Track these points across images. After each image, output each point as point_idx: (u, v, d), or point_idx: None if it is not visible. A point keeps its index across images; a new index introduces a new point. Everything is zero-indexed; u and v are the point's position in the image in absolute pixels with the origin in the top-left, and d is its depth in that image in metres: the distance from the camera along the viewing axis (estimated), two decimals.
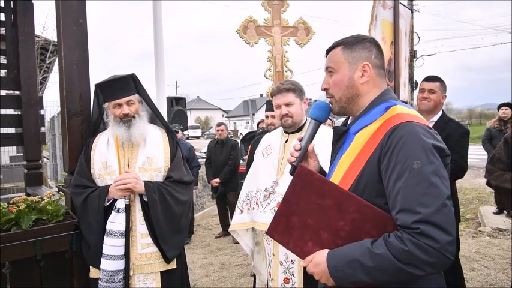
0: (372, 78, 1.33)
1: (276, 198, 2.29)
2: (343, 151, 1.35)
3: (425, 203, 1.06)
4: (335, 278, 1.17)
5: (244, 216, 2.48)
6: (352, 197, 1.20)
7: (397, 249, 1.07)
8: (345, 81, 1.34)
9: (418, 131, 1.15)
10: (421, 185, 1.08)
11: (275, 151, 2.49)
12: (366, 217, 1.18)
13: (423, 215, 1.05)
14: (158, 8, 6.55)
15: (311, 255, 1.26)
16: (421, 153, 1.11)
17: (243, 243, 2.64)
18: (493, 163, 2.70)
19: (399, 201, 1.10)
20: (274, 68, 5.08)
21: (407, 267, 1.07)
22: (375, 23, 4.25)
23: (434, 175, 1.09)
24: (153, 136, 2.32)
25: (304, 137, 1.45)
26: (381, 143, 1.18)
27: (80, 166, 2.29)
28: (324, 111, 1.45)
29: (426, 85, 3.06)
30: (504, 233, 5.51)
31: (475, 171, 11.23)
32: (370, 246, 1.12)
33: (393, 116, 1.22)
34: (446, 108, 50.23)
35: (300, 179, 1.30)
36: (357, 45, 1.34)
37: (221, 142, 6.30)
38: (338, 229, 1.22)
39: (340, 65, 1.35)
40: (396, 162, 1.12)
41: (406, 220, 1.08)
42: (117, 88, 2.21)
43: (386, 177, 1.15)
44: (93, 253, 2.13)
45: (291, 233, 1.31)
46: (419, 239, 1.05)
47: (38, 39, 8.04)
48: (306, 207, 1.27)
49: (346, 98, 1.35)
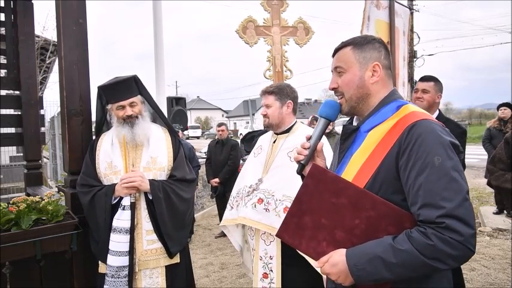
0: (382, 78, 1.35)
1: (258, 194, 2.36)
2: (354, 150, 1.35)
3: (448, 198, 1.08)
4: (356, 276, 1.17)
5: (233, 212, 2.56)
6: (367, 194, 1.19)
7: (422, 244, 1.08)
8: (355, 81, 1.35)
9: (435, 128, 1.17)
10: (442, 180, 1.10)
11: (264, 151, 2.58)
12: (382, 214, 1.17)
13: (447, 210, 1.07)
14: (158, 8, 6.55)
15: (326, 255, 1.25)
16: (440, 149, 1.13)
17: (233, 239, 2.73)
18: (494, 163, 2.70)
19: (421, 197, 1.12)
20: (274, 68, 5.08)
21: (431, 261, 1.08)
22: (368, 23, 4.26)
23: (454, 170, 1.11)
24: (156, 136, 2.36)
25: (313, 136, 1.43)
26: (399, 140, 1.19)
27: (86, 166, 2.33)
28: (334, 110, 1.43)
29: (420, 85, 3.07)
30: (504, 233, 5.51)
31: (475, 171, 11.24)
32: (392, 243, 1.12)
33: (408, 114, 1.24)
34: (446, 108, 50.26)
35: (313, 177, 1.28)
36: (367, 45, 1.35)
37: (221, 142, 6.31)
38: (353, 227, 1.21)
39: (350, 65, 1.36)
40: (416, 159, 1.14)
41: (429, 215, 1.09)
42: (120, 90, 2.24)
43: (406, 173, 1.16)
44: (101, 249, 2.19)
45: (303, 233, 1.29)
46: (444, 233, 1.06)
47: (38, 39, 8.05)
48: (319, 206, 1.25)
49: (356, 97, 1.36)
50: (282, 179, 2.30)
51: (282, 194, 2.26)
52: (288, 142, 2.43)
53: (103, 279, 2.17)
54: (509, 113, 6.23)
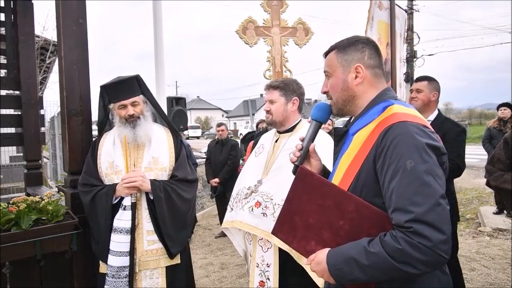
0: (367, 79, 1.35)
1: (256, 197, 2.25)
2: (343, 152, 1.38)
3: (417, 202, 1.08)
4: (334, 275, 1.20)
5: (233, 214, 2.44)
6: (350, 196, 1.22)
7: (392, 247, 1.09)
8: (339, 84, 1.37)
9: (411, 130, 1.16)
10: (413, 184, 1.10)
11: (265, 150, 2.48)
12: (364, 216, 1.20)
13: (415, 214, 1.07)
14: (158, 8, 6.55)
15: (313, 254, 1.29)
16: (414, 152, 1.12)
17: (235, 243, 2.60)
18: (493, 163, 2.70)
19: (393, 201, 1.12)
20: (274, 68, 5.08)
21: (401, 265, 1.08)
22: (372, 23, 4.27)
23: (427, 174, 1.10)
24: (157, 136, 2.36)
25: (305, 137, 1.48)
26: (375, 144, 1.20)
27: (87, 165, 2.33)
28: (324, 112, 1.48)
29: (414, 85, 3.12)
30: (504, 233, 5.51)
31: (475, 171, 11.23)
32: (366, 245, 1.14)
33: (388, 116, 1.23)
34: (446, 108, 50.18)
35: (301, 180, 1.33)
36: (349, 47, 1.36)
37: (221, 142, 6.31)
38: (338, 228, 1.24)
39: (334, 69, 1.38)
40: (390, 162, 1.14)
41: (399, 219, 1.10)
42: (122, 89, 2.25)
43: (382, 177, 1.17)
44: (101, 249, 2.19)
45: (295, 232, 1.34)
46: (412, 237, 1.06)
47: (38, 39, 8.05)
48: (307, 207, 1.30)
49: (342, 100, 1.38)
50: (281, 182, 2.15)
51: (280, 198, 2.08)
52: (291, 142, 2.30)
53: (103, 279, 2.17)
54: (509, 113, 6.23)
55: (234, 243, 2.62)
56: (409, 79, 17.05)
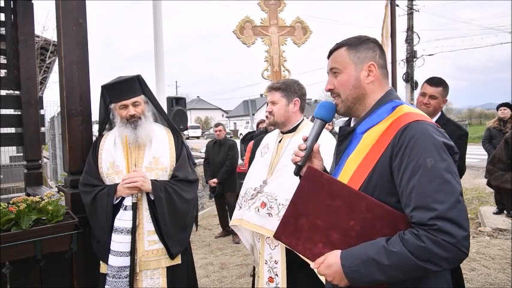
0: (377, 78, 1.35)
1: (261, 198, 2.31)
2: (350, 151, 1.35)
3: (440, 200, 1.08)
4: (350, 278, 1.17)
5: (241, 212, 2.51)
6: (362, 196, 1.20)
7: (414, 246, 1.08)
8: (351, 81, 1.35)
9: (428, 129, 1.16)
10: (435, 182, 1.10)
11: (270, 150, 2.51)
12: (377, 216, 1.17)
13: (439, 212, 1.07)
14: (158, 8, 6.53)
15: (322, 256, 1.26)
16: (433, 150, 1.12)
17: (244, 238, 2.66)
18: (494, 163, 2.70)
19: (413, 199, 1.11)
20: (272, 68, 5.08)
21: (424, 263, 1.08)
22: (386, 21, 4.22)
23: (447, 172, 1.11)
24: (158, 136, 2.36)
25: (309, 137, 1.44)
26: (392, 142, 1.19)
27: (88, 165, 2.33)
28: (330, 111, 1.44)
29: (428, 90, 2.86)
30: (504, 233, 5.51)
31: (475, 171, 11.23)
32: (385, 245, 1.13)
33: (401, 115, 1.23)
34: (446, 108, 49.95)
35: (308, 179, 1.29)
36: (361, 45, 1.35)
37: (219, 142, 6.31)
38: (349, 229, 1.21)
39: (345, 66, 1.36)
40: (409, 161, 1.14)
41: (422, 217, 1.09)
42: (123, 89, 2.25)
43: (399, 175, 1.16)
44: (102, 249, 2.19)
45: (300, 235, 1.29)
46: (436, 235, 1.06)
47: (38, 39, 8.05)
48: (314, 208, 1.26)
49: (352, 97, 1.36)
50: (284, 182, 2.22)
51: (284, 198, 2.20)
52: (294, 142, 2.34)
53: (104, 280, 2.17)
54: (509, 113, 6.23)
55: (241, 238, 2.68)
56: (409, 79, 17.08)
